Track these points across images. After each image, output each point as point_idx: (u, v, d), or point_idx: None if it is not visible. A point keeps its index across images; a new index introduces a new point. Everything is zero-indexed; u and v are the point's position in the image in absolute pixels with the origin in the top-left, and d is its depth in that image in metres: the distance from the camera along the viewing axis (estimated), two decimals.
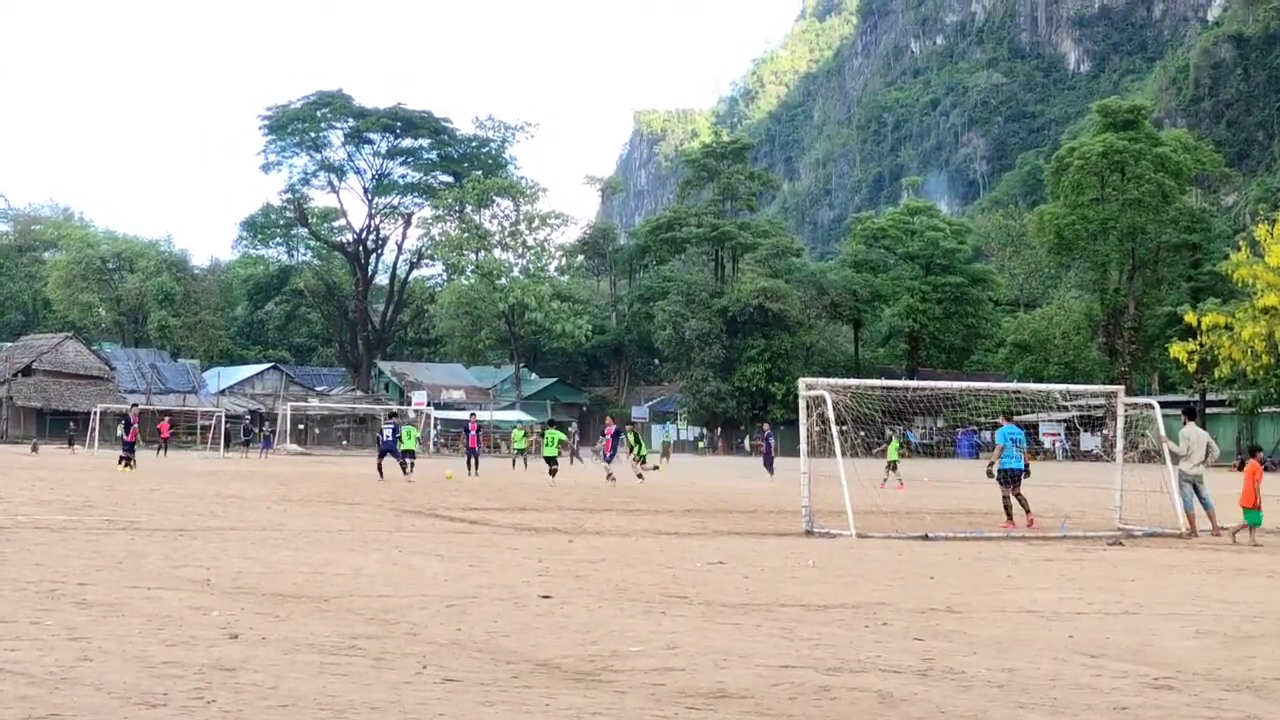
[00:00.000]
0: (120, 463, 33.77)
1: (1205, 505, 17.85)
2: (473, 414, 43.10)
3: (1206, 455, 17.94)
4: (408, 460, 32.21)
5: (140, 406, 46.31)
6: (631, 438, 34.80)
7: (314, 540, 14.52)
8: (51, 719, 5.37)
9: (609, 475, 31.95)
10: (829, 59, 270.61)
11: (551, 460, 33.76)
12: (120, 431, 36.68)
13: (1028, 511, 18.78)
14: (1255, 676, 7.17)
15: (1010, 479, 18.79)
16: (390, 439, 32.67)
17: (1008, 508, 18.67)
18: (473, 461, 36.73)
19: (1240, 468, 18.43)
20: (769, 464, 39.16)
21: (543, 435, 39.79)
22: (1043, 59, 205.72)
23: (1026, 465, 20.15)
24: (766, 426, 48.00)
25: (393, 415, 44.49)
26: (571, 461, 48.24)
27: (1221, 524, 18.11)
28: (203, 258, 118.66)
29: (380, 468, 31.82)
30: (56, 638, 7.38)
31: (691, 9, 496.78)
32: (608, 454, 34.77)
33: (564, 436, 39.53)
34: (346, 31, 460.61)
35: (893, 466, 33.85)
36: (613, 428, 35.88)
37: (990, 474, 19.19)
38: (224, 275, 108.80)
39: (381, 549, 13.64)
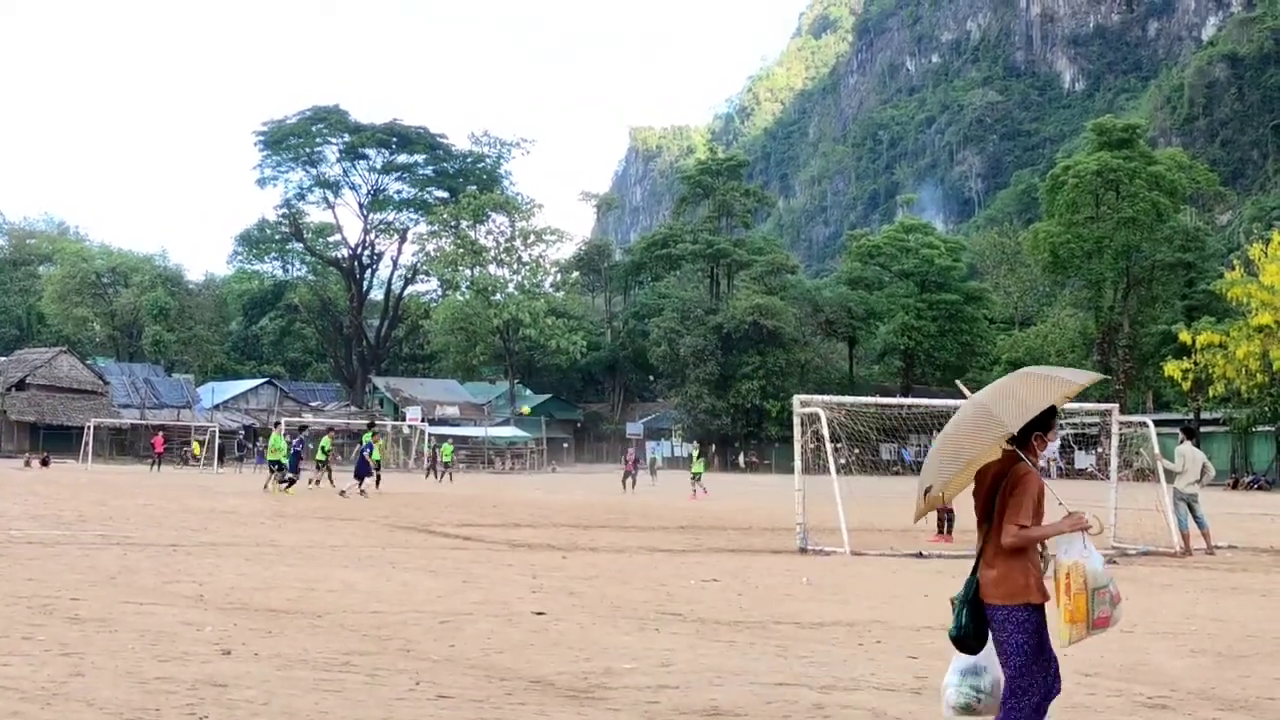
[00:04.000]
0: None
1: (1200, 524, 17.86)
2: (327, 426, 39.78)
3: (1202, 475, 17.95)
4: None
5: None
6: (325, 443, 32.72)
7: (307, 556, 14.49)
8: None
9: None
10: (825, 77, 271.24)
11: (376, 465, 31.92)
12: None
13: (947, 529, 18.99)
14: (1249, 696, 7.17)
15: None
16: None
17: (944, 520, 18.95)
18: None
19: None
20: (628, 479, 40.59)
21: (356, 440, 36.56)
22: (1038, 77, 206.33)
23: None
24: (632, 449, 49.03)
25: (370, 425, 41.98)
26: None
27: (1216, 543, 18.14)
28: (198, 272, 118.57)
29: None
30: (49, 653, 7.36)
31: (687, 26, 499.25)
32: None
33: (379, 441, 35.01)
34: (343, 47, 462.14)
35: (696, 478, 36.49)
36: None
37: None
38: (219, 290, 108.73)
39: (375, 565, 13.61)
